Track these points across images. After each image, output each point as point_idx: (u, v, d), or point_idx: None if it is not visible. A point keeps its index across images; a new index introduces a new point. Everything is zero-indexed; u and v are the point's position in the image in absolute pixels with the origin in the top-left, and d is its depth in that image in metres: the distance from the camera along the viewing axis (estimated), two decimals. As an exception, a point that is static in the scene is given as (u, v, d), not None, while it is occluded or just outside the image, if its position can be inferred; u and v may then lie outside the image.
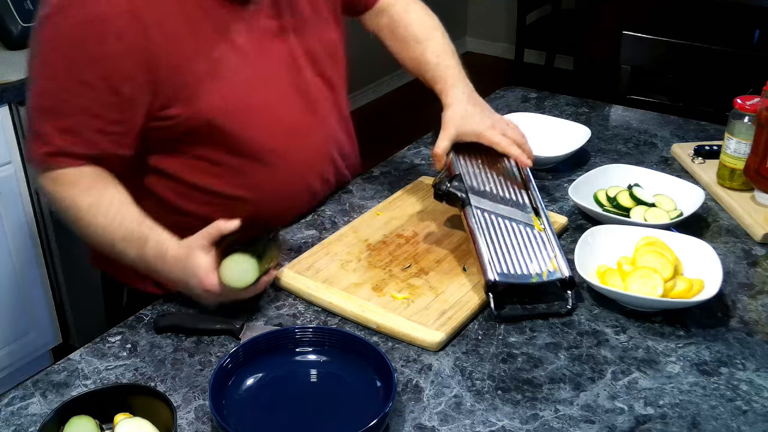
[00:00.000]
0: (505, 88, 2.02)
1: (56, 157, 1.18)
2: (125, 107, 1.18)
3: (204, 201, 1.31)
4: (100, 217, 1.18)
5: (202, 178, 1.30)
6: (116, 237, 1.17)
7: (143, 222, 1.18)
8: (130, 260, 1.19)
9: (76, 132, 1.17)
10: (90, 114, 1.16)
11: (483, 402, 1.01)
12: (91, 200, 1.18)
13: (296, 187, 1.38)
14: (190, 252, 1.13)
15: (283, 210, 1.33)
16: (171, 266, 1.15)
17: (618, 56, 2.28)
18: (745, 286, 1.23)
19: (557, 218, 1.37)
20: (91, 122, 1.17)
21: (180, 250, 1.14)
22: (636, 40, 2.25)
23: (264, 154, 1.31)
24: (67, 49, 1.14)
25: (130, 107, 1.18)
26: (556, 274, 1.17)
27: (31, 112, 1.19)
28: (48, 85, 1.16)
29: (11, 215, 2.17)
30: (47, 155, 1.18)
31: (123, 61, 1.14)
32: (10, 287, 2.22)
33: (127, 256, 1.18)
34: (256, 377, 1.03)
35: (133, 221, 1.18)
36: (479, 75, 1.45)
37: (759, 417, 0.98)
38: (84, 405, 0.94)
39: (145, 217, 1.19)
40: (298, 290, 1.21)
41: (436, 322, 1.12)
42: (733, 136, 1.45)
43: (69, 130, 1.17)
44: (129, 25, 1.13)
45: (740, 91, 1.49)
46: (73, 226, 1.21)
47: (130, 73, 1.15)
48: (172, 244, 1.16)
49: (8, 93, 2.07)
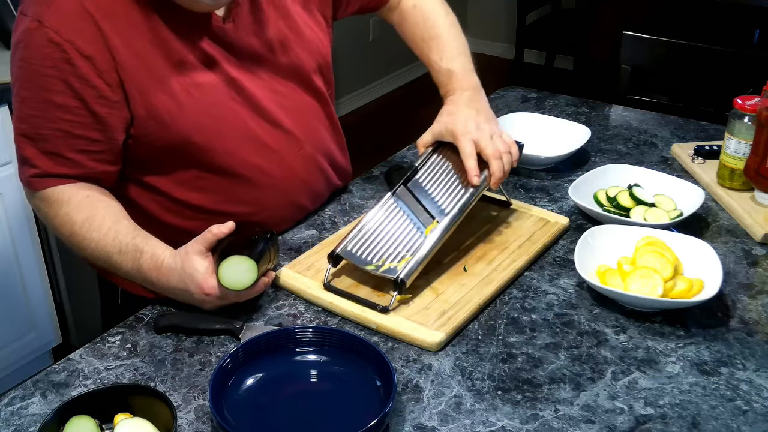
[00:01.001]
0: (505, 88, 2.02)
1: (43, 179, 1.19)
2: (103, 126, 1.17)
3: (190, 216, 1.30)
4: (94, 233, 1.18)
5: (187, 194, 1.29)
6: (111, 251, 1.17)
7: (137, 234, 1.18)
8: (125, 273, 1.19)
9: (58, 154, 1.17)
10: (71, 136, 1.17)
11: (483, 402, 1.01)
12: (84, 216, 1.18)
13: (283, 202, 1.37)
14: (187, 258, 1.13)
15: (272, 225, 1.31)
16: (167, 276, 1.14)
17: (618, 56, 2.27)
18: (745, 286, 1.23)
19: (559, 219, 1.37)
20: (73, 143, 1.17)
21: (176, 258, 1.14)
22: (636, 40, 2.25)
23: (247, 171, 1.29)
24: (38, 73, 1.14)
25: (108, 126, 1.18)
26: (393, 271, 1.16)
27: (16, 139, 1.19)
28: (27, 110, 1.16)
29: (11, 215, 2.17)
30: (34, 177, 1.19)
31: (93, 81, 1.14)
32: (10, 287, 2.22)
33: (123, 269, 1.18)
34: (256, 377, 1.03)
35: (127, 234, 1.17)
36: (479, 75, 1.45)
37: (759, 417, 0.98)
38: (84, 405, 0.94)
39: (139, 229, 1.19)
40: (299, 290, 1.21)
41: (436, 322, 1.12)
42: (733, 136, 1.45)
43: (52, 153, 1.17)
44: (96, 47, 1.13)
45: (740, 91, 1.49)
46: (68, 243, 1.21)
47: (102, 92, 1.15)
48: (168, 253, 1.15)
49: (8, 93, 2.07)
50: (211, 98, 1.23)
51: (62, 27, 1.12)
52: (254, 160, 1.30)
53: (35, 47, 1.13)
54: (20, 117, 1.18)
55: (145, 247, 1.16)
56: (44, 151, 1.17)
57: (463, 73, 1.42)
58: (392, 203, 1.27)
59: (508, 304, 1.19)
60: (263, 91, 1.30)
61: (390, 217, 1.26)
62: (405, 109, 1.29)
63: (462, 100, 1.37)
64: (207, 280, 1.11)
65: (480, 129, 1.30)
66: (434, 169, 1.33)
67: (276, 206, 1.35)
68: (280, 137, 1.32)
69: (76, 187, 1.20)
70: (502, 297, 1.20)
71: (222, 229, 1.12)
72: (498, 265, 1.26)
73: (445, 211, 1.25)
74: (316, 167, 1.40)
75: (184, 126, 1.21)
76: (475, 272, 1.24)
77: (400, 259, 1.18)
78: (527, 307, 1.18)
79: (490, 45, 5.25)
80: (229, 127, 1.26)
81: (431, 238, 1.21)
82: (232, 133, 1.27)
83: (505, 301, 1.20)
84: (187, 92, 1.21)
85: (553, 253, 1.31)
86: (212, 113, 1.24)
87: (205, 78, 1.22)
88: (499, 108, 1.87)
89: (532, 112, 1.80)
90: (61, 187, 1.19)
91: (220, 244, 1.13)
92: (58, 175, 1.19)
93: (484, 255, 1.28)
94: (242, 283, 1.10)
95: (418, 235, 1.22)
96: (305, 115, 1.37)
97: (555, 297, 1.20)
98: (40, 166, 1.18)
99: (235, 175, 1.29)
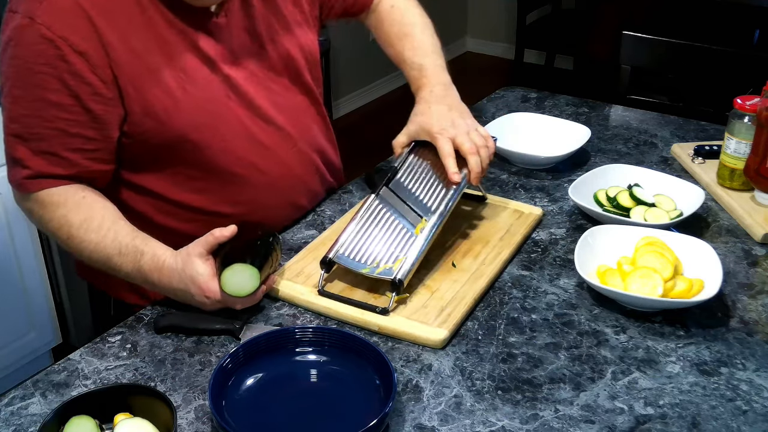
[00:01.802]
0: (505, 88, 2.02)
1: (37, 180, 1.17)
2: (98, 124, 1.16)
3: (186, 218, 1.30)
4: (92, 234, 1.16)
5: (182, 195, 1.28)
6: (111, 252, 1.16)
7: (137, 236, 1.17)
8: (125, 275, 1.18)
9: (53, 153, 1.16)
10: (66, 134, 1.15)
11: (483, 402, 1.01)
12: (81, 217, 1.17)
13: (280, 202, 1.37)
14: (189, 260, 1.12)
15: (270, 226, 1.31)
16: (168, 277, 1.14)
17: (618, 56, 2.27)
18: (745, 286, 1.23)
19: (533, 210, 1.40)
20: (68, 141, 1.15)
21: (177, 260, 1.14)
22: (636, 40, 2.25)
23: (242, 170, 1.29)
24: (32, 71, 1.12)
25: (103, 123, 1.17)
26: (389, 272, 1.17)
27: (6, 140, 1.17)
28: (20, 110, 1.14)
29: (11, 215, 2.17)
30: (27, 179, 1.17)
31: (88, 78, 1.13)
32: (10, 287, 2.22)
33: (123, 270, 1.17)
34: (256, 377, 1.03)
35: (127, 236, 1.17)
36: (479, 75, 1.46)
37: (759, 417, 0.98)
38: (84, 405, 0.94)
39: (137, 230, 1.18)
40: (293, 298, 1.19)
41: (437, 320, 1.13)
42: (733, 136, 1.45)
43: (46, 152, 1.15)
44: (90, 43, 1.12)
45: (740, 91, 1.49)
46: (65, 245, 1.20)
47: (97, 89, 1.14)
48: (168, 254, 1.15)
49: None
50: (206, 94, 1.23)
51: (55, 23, 1.10)
52: (250, 157, 1.29)
53: (27, 44, 1.11)
54: (12, 117, 1.15)
55: (146, 248, 1.16)
56: (38, 151, 1.15)
57: (434, 69, 1.43)
58: (377, 205, 1.27)
59: (508, 304, 1.19)
60: (257, 88, 1.29)
61: (378, 219, 1.25)
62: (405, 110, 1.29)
63: (432, 98, 1.37)
64: (208, 283, 1.11)
65: (455, 126, 1.30)
66: (414, 169, 1.33)
67: (273, 206, 1.35)
68: (274, 134, 1.32)
69: (71, 188, 1.18)
70: (502, 297, 1.21)
71: (224, 232, 1.12)
72: (485, 258, 1.27)
73: (432, 209, 1.25)
74: (311, 164, 1.41)
75: (180, 123, 1.20)
76: (464, 267, 1.25)
77: (395, 260, 1.18)
78: (527, 307, 1.18)
79: (490, 45, 5.25)
80: (225, 124, 1.26)
81: (422, 236, 1.21)
82: (227, 131, 1.26)
83: (505, 301, 1.20)
84: (183, 89, 1.20)
85: (553, 253, 1.31)
86: (208, 110, 1.23)
87: (200, 74, 1.22)
88: (499, 108, 1.87)
89: (532, 112, 1.80)
90: (56, 189, 1.17)
91: (222, 248, 1.13)
92: (52, 176, 1.17)
93: (470, 250, 1.30)
94: (245, 290, 1.10)
95: (408, 234, 1.22)
96: (297, 113, 1.37)
97: (555, 297, 1.20)
98: (33, 166, 1.16)
99: (231, 173, 1.28)
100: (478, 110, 1.86)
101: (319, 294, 1.18)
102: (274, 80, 1.33)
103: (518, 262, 1.29)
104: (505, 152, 1.57)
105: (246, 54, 1.28)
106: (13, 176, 1.19)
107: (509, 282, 1.24)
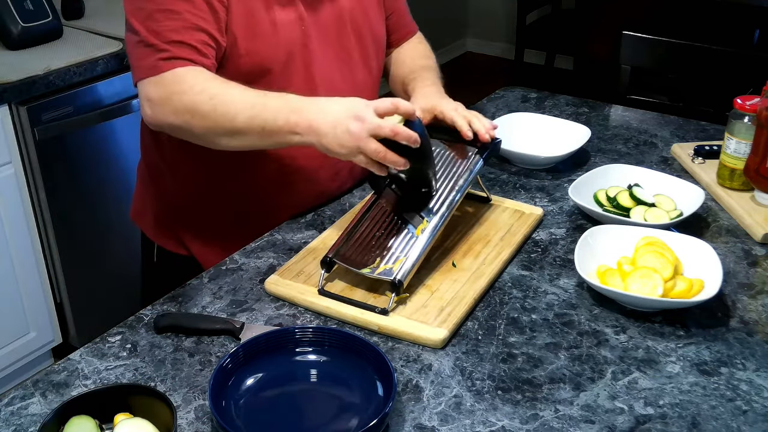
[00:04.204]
0: (505, 88, 2.02)
1: (172, 61, 1.22)
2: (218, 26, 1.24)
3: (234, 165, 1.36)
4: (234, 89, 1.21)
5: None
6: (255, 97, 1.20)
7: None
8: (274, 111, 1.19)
9: (185, 42, 1.22)
10: (196, 29, 1.22)
11: (483, 402, 1.01)
12: (220, 80, 1.22)
13: (323, 166, 1.41)
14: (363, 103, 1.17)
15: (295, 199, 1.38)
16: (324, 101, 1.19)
17: (618, 56, 2.28)
18: (745, 286, 1.23)
19: (534, 210, 1.41)
20: (197, 36, 1.22)
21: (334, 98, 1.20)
22: (636, 40, 2.25)
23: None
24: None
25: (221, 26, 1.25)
26: (389, 273, 1.17)
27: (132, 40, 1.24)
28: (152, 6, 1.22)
29: (11, 215, 2.17)
30: (162, 60, 1.21)
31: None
32: (10, 287, 2.23)
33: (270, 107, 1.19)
34: (256, 377, 1.03)
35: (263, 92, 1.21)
36: (479, 75, 1.47)
37: (759, 417, 0.98)
38: (84, 405, 0.94)
39: None
40: (293, 297, 1.19)
41: (437, 319, 1.13)
42: (733, 136, 1.45)
43: (179, 41, 1.22)
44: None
45: (740, 91, 1.49)
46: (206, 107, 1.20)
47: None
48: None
49: (8, 93, 2.07)
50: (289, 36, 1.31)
51: None
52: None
53: None
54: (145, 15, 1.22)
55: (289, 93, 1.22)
56: (170, 41, 1.21)
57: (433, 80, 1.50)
58: (379, 205, 1.28)
59: (508, 304, 1.19)
60: (330, 55, 1.37)
61: (379, 219, 1.26)
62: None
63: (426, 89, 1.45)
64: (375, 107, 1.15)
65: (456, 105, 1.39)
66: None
67: (315, 168, 1.40)
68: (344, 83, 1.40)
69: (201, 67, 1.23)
70: (502, 297, 1.21)
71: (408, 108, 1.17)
72: (485, 258, 1.27)
73: (434, 210, 1.25)
74: None
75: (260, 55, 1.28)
76: (464, 267, 1.25)
77: (395, 261, 1.18)
78: (527, 307, 1.18)
79: (490, 45, 5.25)
80: (296, 73, 1.33)
81: (423, 237, 1.21)
82: (297, 78, 1.33)
83: (505, 301, 1.20)
84: (273, 24, 1.28)
85: (553, 253, 1.31)
86: (287, 50, 1.31)
87: (287, 20, 1.30)
88: (499, 108, 1.88)
89: (532, 112, 1.80)
90: (191, 67, 1.22)
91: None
92: (186, 59, 1.22)
93: (470, 249, 1.30)
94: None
95: (409, 235, 1.23)
96: (360, 93, 1.39)
97: (555, 297, 1.21)
98: (169, 50, 1.21)
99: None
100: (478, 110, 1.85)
101: (319, 294, 1.18)
102: (346, 58, 1.41)
103: (518, 262, 1.29)
104: (505, 152, 1.57)
105: (327, 24, 1.37)
106: (145, 59, 1.22)
107: (509, 282, 1.24)
